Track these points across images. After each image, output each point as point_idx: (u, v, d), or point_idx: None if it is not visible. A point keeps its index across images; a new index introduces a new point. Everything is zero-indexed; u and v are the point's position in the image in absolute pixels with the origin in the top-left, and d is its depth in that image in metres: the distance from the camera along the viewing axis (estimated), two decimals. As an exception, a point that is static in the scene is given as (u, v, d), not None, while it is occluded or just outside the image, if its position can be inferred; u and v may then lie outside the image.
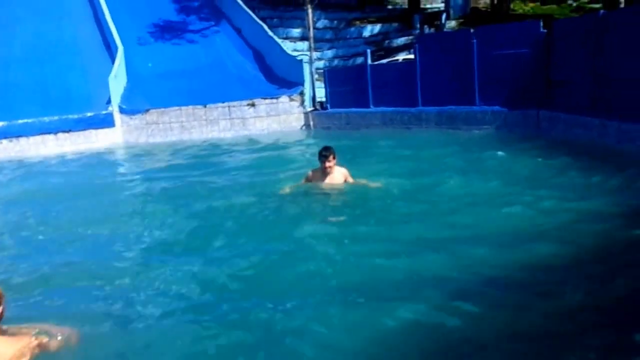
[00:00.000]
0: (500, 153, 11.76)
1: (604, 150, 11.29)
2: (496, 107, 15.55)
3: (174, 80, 23.66)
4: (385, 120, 18.52)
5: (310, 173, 9.36)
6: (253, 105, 21.65)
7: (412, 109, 17.66)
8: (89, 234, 8.24)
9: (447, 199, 8.73)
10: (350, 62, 27.45)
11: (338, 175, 9.12)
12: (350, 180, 9.25)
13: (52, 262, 6.79)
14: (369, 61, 19.68)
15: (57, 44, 25.67)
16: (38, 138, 20.45)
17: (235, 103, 21.72)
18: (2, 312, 4.00)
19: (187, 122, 21.79)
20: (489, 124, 15.58)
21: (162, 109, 21.79)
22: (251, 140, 19.28)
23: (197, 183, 11.88)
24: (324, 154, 8.90)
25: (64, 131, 20.72)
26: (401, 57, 23.95)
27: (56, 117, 20.68)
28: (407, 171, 11.21)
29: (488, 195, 8.77)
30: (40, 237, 8.24)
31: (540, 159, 11.25)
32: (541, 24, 14.74)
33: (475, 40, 15.85)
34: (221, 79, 23.87)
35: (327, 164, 8.87)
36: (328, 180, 9.07)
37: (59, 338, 4.22)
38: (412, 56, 19.03)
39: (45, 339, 4.10)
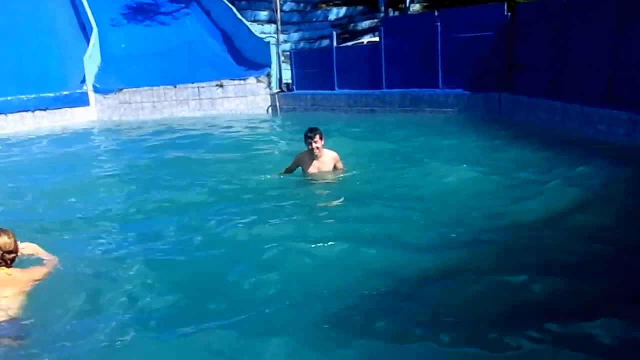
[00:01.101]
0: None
1: (565, 134, 10.65)
2: (459, 90, 14.56)
3: (145, 61, 22.54)
4: (349, 102, 17.35)
5: (297, 156, 8.19)
6: (221, 86, 20.51)
7: (376, 92, 16.55)
8: (61, 202, 8.12)
9: (426, 187, 7.83)
10: (316, 44, 26.27)
11: (327, 159, 8.01)
12: (340, 166, 8.16)
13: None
14: (335, 44, 18.61)
15: (33, 25, 24.28)
16: (17, 115, 19.73)
17: (204, 84, 20.69)
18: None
19: (158, 101, 20.82)
20: (452, 106, 14.58)
21: (135, 89, 20.91)
22: (220, 120, 18.29)
23: (168, 162, 11.00)
24: (309, 134, 7.76)
25: (41, 109, 20.05)
26: (366, 39, 22.71)
27: (33, 96, 19.99)
28: (378, 156, 10.16)
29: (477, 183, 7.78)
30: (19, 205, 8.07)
31: (503, 143, 10.58)
32: (505, 7, 13.70)
33: (439, 23, 14.80)
34: (191, 60, 22.74)
35: (314, 145, 7.71)
36: (316, 164, 7.94)
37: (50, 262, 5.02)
38: (376, 39, 17.90)
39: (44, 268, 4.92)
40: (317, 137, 7.73)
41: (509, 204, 6.57)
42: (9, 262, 4.67)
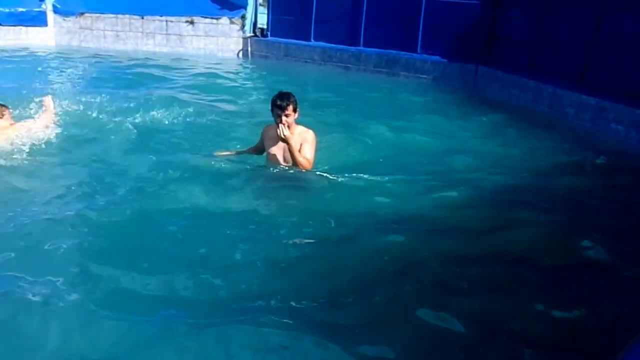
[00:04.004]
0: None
1: (535, 114, 11.20)
2: (436, 57, 14.99)
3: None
4: (324, 56, 17.63)
5: (264, 129, 6.32)
6: (192, 22, 20.49)
7: (352, 48, 16.85)
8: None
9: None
10: (298, -9, 26.22)
11: (297, 139, 5.87)
12: (309, 154, 5.93)
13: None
14: (316, -8, 18.65)
15: None
16: (-36, 27, 19.59)
17: (173, 18, 20.60)
18: None
19: (122, 31, 20.78)
20: (428, 73, 15.00)
21: (98, 14, 20.85)
22: (186, 61, 18.26)
23: (120, 105, 10.15)
24: (279, 103, 5.68)
25: (-7, 24, 19.87)
26: (349, -8, 22.87)
27: (-16, 9, 19.82)
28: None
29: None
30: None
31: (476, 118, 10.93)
32: (493, -24, 14.08)
33: (424, -16, 15.09)
34: (162, -10, 22.42)
35: (283, 119, 5.67)
36: (282, 144, 5.89)
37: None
38: (360, -7, 18.08)
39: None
40: (290, 107, 5.69)
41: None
42: None
